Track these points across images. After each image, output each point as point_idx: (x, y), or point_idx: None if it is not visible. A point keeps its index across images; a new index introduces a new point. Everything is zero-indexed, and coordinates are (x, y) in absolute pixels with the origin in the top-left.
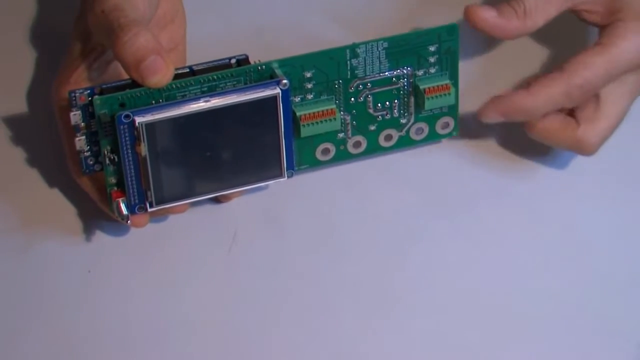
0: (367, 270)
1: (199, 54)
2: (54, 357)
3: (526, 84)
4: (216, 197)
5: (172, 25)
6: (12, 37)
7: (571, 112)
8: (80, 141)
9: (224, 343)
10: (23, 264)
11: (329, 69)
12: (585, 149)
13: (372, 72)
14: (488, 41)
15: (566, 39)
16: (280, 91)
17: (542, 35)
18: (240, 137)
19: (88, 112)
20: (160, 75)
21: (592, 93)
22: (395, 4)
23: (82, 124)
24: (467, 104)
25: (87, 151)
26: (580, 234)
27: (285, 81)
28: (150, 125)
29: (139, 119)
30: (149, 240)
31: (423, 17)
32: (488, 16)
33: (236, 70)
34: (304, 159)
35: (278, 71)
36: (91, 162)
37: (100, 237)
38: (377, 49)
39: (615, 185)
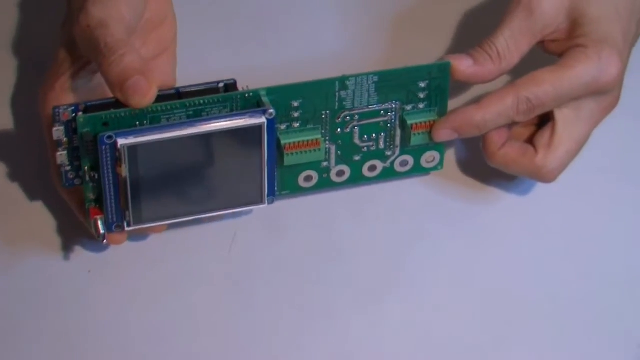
0: (366, 271)
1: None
2: (54, 357)
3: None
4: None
5: (161, 28)
6: None
7: (530, 140)
8: (62, 156)
9: (224, 343)
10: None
11: (317, 100)
12: (544, 176)
13: (361, 104)
14: None
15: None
16: (265, 120)
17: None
18: (222, 162)
19: (71, 127)
20: (141, 95)
21: (540, 110)
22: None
23: (65, 139)
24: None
25: (67, 165)
26: (580, 234)
27: (271, 111)
28: (132, 148)
29: (121, 141)
30: (149, 241)
31: (413, 49)
32: (465, 67)
33: (223, 96)
34: (286, 185)
35: (265, 99)
36: (71, 177)
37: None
38: (367, 82)
39: (615, 185)
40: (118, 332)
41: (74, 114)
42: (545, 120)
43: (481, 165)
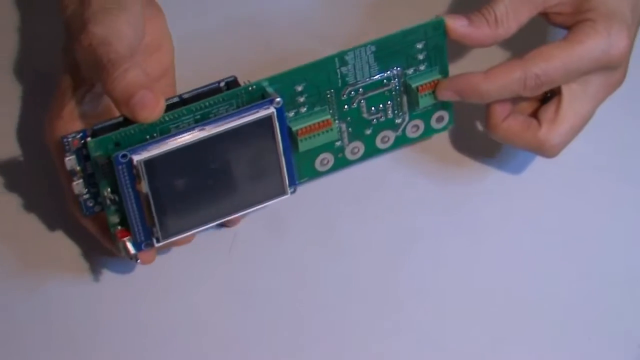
0: (367, 270)
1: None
2: (54, 357)
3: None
4: (222, 222)
5: (159, 52)
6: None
7: (534, 114)
8: (78, 185)
9: (224, 343)
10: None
11: (319, 80)
12: (547, 151)
13: (363, 77)
14: None
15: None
16: (274, 110)
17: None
18: (239, 160)
19: (82, 155)
20: (149, 110)
21: (548, 86)
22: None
23: (78, 167)
24: None
25: (85, 194)
26: (580, 234)
27: (278, 99)
28: (148, 162)
29: (136, 157)
30: None
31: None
32: (458, 25)
33: (227, 94)
34: (304, 172)
35: (269, 89)
36: (91, 204)
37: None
38: (366, 53)
39: (616, 184)
40: (118, 332)
41: (83, 141)
42: (550, 94)
43: (482, 164)
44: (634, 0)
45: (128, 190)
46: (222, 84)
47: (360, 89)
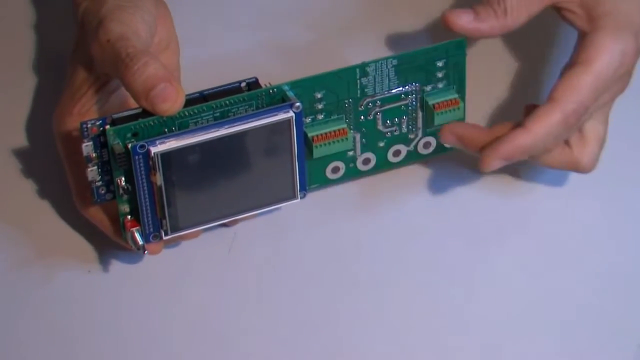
0: (367, 271)
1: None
2: (54, 357)
3: (517, 123)
4: (224, 222)
5: (167, 52)
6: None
7: None
8: (92, 171)
9: (224, 343)
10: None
11: (339, 89)
12: (583, 169)
13: (382, 89)
14: (494, 53)
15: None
16: (293, 114)
17: (548, 45)
18: (253, 161)
19: (99, 142)
20: (170, 103)
21: (585, 115)
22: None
23: (94, 154)
24: (473, 115)
25: (99, 181)
26: (580, 234)
27: (298, 104)
28: (165, 155)
29: (154, 149)
30: None
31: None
32: (465, 22)
33: (248, 94)
34: (315, 178)
35: (289, 93)
36: (103, 192)
37: (100, 238)
38: (387, 66)
39: (615, 185)
40: (118, 332)
41: (101, 128)
42: None
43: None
44: None
45: (142, 181)
46: (243, 84)
47: (378, 101)
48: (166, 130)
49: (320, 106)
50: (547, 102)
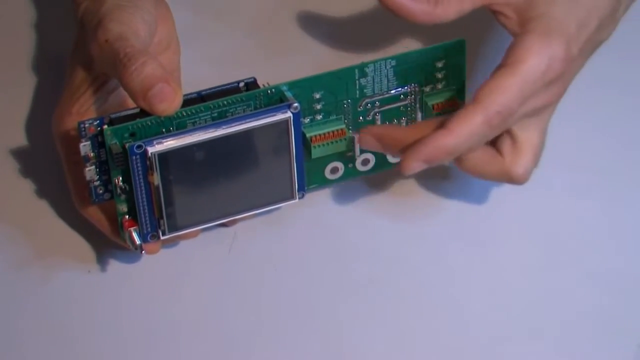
0: (367, 270)
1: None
2: (53, 357)
3: (441, 123)
4: (223, 223)
5: (167, 52)
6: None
7: (492, 142)
8: (90, 171)
9: (224, 343)
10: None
11: (338, 89)
12: (515, 180)
13: (381, 90)
14: (493, 54)
15: None
16: (291, 115)
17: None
18: (251, 161)
19: (97, 142)
20: (168, 103)
21: (511, 118)
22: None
23: (92, 154)
24: None
25: (96, 180)
26: (580, 234)
27: (296, 104)
28: (163, 155)
29: (151, 149)
30: None
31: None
32: None
33: (246, 94)
34: (314, 179)
35: (288, 94)
36: (101, 191)
37: (100, 238)
38: (386, 67)
39: (615, 185)
40: (118, 332)
41: (99, 128)
42: None
43: None
44: (584, 18)
45: (140, 180)
46: (241, 84)
47: (377, 102)
48: (164, 130)
49: (318, 106)
50: (471, 103)
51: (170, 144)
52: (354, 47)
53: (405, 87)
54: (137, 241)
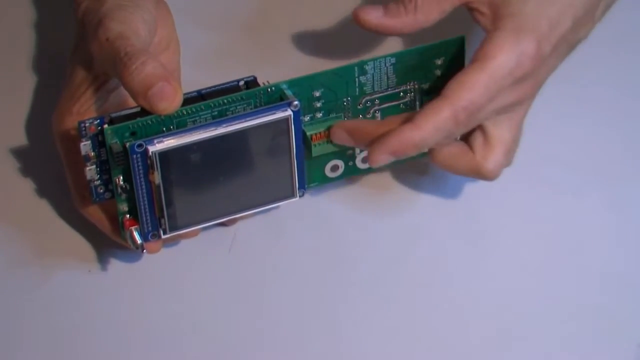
0: (367, 271)
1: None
2: (53, 357)
3: (409, 117)
4: (223, 222)
5: (167, 52)
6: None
7: (465, 138)
8: (91, 170)
9: (224, 343)
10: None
11: (337, 87)
12: (485, 176)
13: (380, 87)
14: None
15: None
16: (291, 113)
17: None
18: (252, 159)
19: (97, 141)
20: (168, 101)
21: (479, 114)
22: None
23: (92, 153)
24: None
25: (97, 180)
26: (580, 234)
27: (296, 102)
28: (163, 154)
29: (152, 148)
30: None
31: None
32: (372, 17)
33: (246, 93)
34: (314, 177)
35: (288, 92)
36: (101, 191)
37: (100, 238)
38: (385, 64)
39: (615, 185)
40: (118, 332)
41: (99, 127)
42: None
43: None
44: (556, 16)
45: (140, 180)
46: (241, 83)
47: (377, 100)
48: (164, 129)
49: (318, 104)
50: (438, 97)
51: (170, 142)
52: (353, 45)
53: (405, 85)
54: (138, 240)
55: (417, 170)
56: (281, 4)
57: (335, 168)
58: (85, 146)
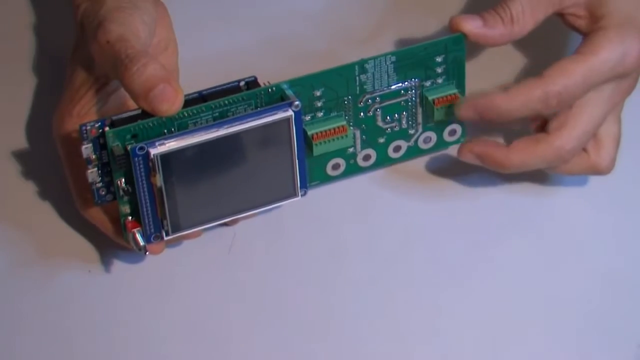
0: (367, 270)
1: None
2: (53, 357)
3: (504, 88)
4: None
5: (165, 53)
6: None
7: (542, 129)
8: (93, 173)
9: (224, 343)
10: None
11: (338, 86)
12: (563, 156)
13: (381, 86)
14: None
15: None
16: (292, 113)
17: (548, 42)
18: (253, 160)
19: (99, 144)
20: (169, 103)
21: (569, 102)
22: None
23: (94, 156)
24: None
25: (99, 182)
26: (580, 234)
27: (297, 102)
28: (165, 156)
29: (153, 151)
30: None
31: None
32: (473, 27)
33: (247, 94)
34: (315, 176)
35: (288, 92)
36: (103, 193)
37: (100, 238)
38: (385, 63)
39: (615, 185)
40: (118, 332)
41: (100, 130)
42: None
43: (482, 166)
44: None
45: (142, 182)
46: (242, 84)
47: (378, 98)
48: (165, 131)
49: (319, 104)
50: (535, 77)
51: (172, 145)
52: (354, 43)
53: (406, 83)
54: (141, 242)
55: (417, 170)
56: (281, 3)
57: (336, 166)
58: (87, 149)
